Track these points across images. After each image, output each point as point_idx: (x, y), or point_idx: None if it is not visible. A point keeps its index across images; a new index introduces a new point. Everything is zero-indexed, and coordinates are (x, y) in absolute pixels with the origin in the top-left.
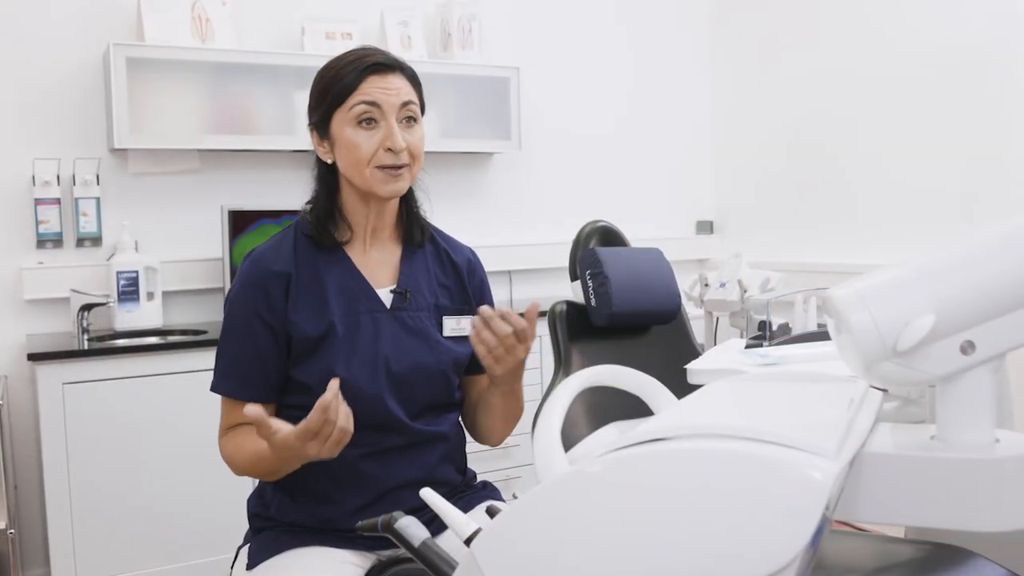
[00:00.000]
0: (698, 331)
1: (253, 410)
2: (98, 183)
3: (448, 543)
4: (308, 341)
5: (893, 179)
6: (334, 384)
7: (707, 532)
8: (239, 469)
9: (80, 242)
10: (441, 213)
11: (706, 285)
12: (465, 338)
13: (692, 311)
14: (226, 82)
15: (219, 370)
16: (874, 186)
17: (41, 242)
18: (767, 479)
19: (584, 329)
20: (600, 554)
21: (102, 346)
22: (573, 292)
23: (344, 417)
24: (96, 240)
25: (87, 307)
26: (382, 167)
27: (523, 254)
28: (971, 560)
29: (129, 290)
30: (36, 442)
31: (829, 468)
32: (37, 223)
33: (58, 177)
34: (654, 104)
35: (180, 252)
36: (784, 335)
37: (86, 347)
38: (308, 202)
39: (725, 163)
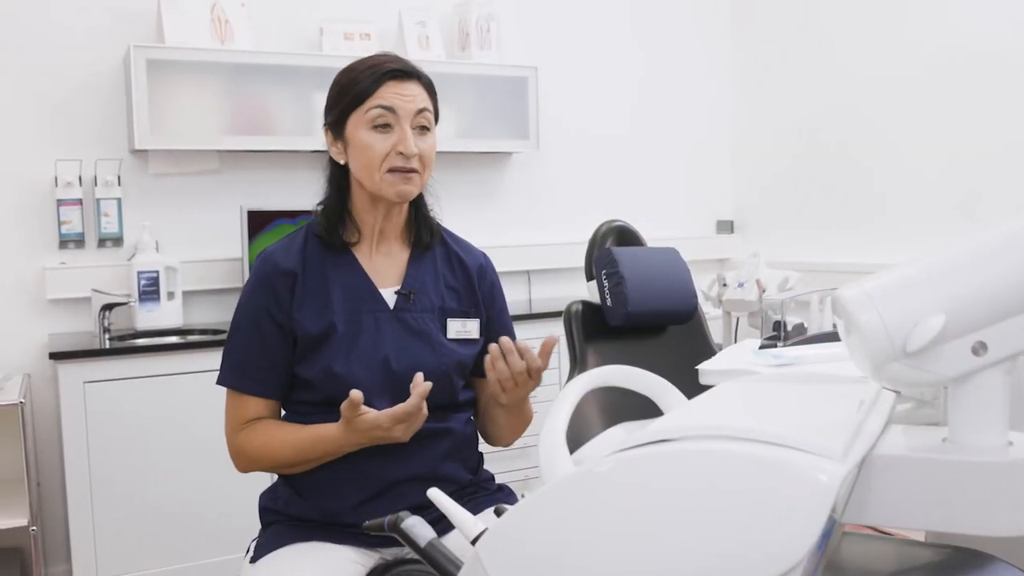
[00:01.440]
0: (717, 331)
1: (357, 394)
2: (119, 184)
3: (455, 543)
4: (310, 339)
5: (918, 177)
6: (420, 377)
7: (712, 534)
8: (266, 461)
9: (101, 242)
10: (459, 213)
11: (724, 285)
12: (470, 341)
13: (711, 311)
14: (245, 83)
15: (227, 364)
16: (898, 184)
17: (63, 242)
18: (772, 481)
19: (600, 329)
20: (605, 554)
21: (122, 345)
22: (589, 292)
23: (425, 407)
24: (117, 240)
25: (108, 307)
26: (393, 170)
27: (541, 254)
28: (992, 565)
29: (150, 290)
30: (58, 440)
31: (835, 470)
32: (59, 223)
33: (80, 178)
34: (673, 103)
35: (200, 252)
36: (799, 335)
37: (107, 346)
38: (320, 203)
39: (745, 162)
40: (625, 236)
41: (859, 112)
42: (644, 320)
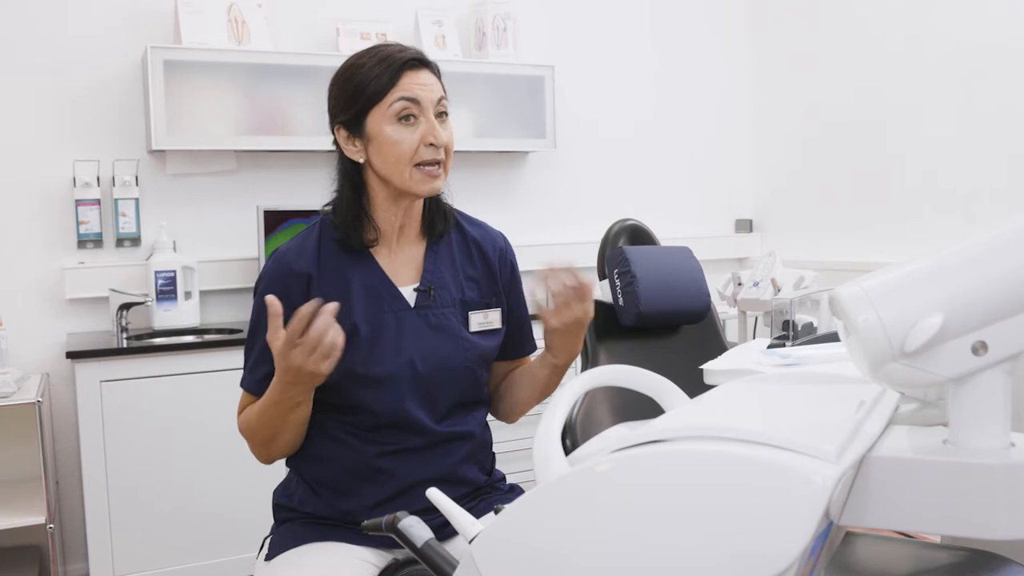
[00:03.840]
0: (734, 331)
1: (273, 300)
2: (137, 184)
3: (462, 545)
4: None
5: (942, 175)
6: (330, 307)
7: (703, 534)
8: (252, 434)
9: (120, 242)
10: (476, 212)
11: (739, 284)
12: (492, 331)
13: (728, 311)
14: (262, 83)
15: (247, 367)
16: (923, 182)
17: (82, 242)
18: (764, 482)
19: (612, 329)
20: (597, 554)
21: (139, 344)
22: (601, 291)
23: (333, 334)
24: (135, 240)
25: (126, 306)
26: (421, 165)
27: (559, 253)
28: (1007, 567)
29: (167, 289)
30: (76, 439)
31: (828, 472)
32: (78, 224)
33: (98, 178)
34: (691, 101)
35: (217, 252)
36: (808, 335)
37: (124, 345)
38: (328, 204)
39: (764, 161)
40: (637, 235)
41: (880, 110)
42: (656, 320)
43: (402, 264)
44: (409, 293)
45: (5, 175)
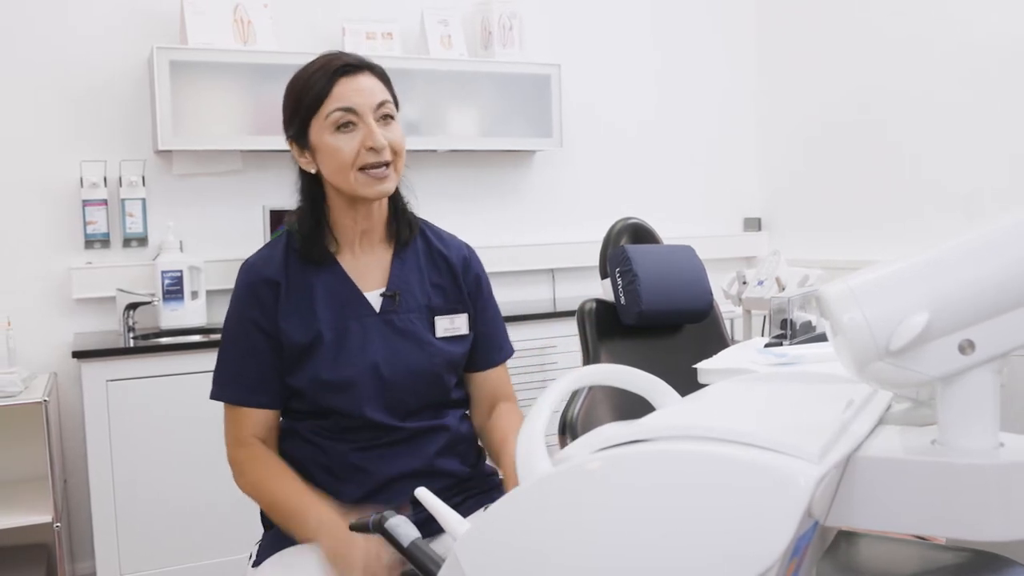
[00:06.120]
0: (740, 330)
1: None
2: (144, 184)
3: (449, 543)
4: (297, 348)
5: (952, 173)
6: None
7: (685, 535)
8: (254, 496)
9: (126, 242)
10: (483, 212)
11: (744, 283)
12: (459, 337)
13: (733, 310)
14: (267, 83)
15: (222, 378)
16: (932, 179)
17: (89, 242)
18: (745, 482)
19: (614, 328)
20: (579, 554)
21: (146, 344)
22: (603, 290)
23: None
24: (142, 240)
25: (133, 306)
26: (365, 168)
27: (566, 252)
28: (1011, 569)
29: (174, 289)
30: (83, 438)
31: (810, 472)
32: (85, 224)
33: (105, 179)
34: (697, 100)
35: (223, 252)
36: (807, 333)
37: (131, 345)
38: (294, 211)
39: (772, 159)
40: (639, 234)
41: (884, 109)
42: (658, 319)
43: (368, 269)
44: (375, 298)
45: (13, 176)
